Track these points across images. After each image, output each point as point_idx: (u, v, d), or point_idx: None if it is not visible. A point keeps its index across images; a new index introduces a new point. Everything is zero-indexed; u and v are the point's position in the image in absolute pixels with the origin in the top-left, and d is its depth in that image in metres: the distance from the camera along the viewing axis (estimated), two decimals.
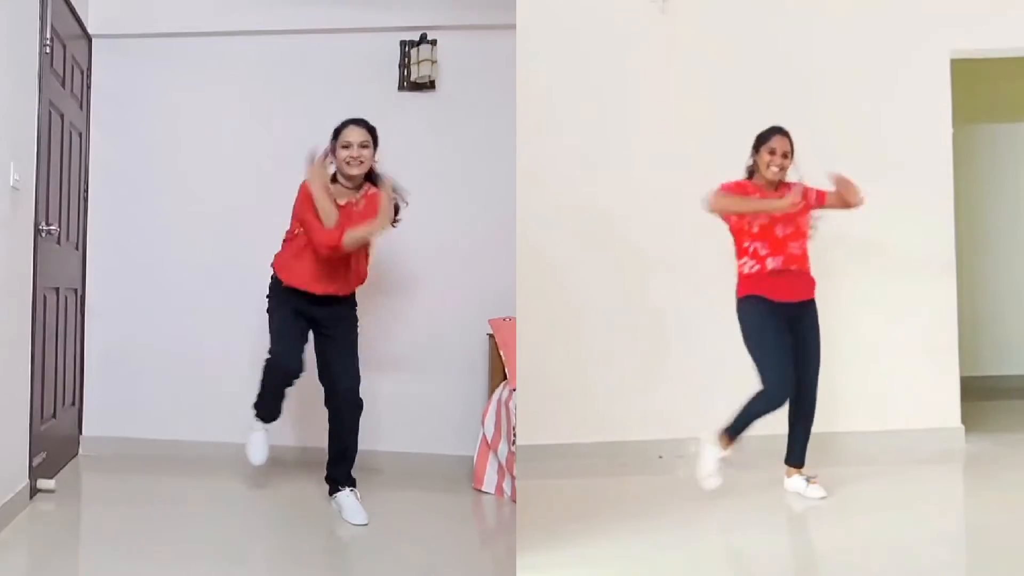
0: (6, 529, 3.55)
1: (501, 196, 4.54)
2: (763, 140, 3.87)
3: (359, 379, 3.95)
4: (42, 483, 4.03)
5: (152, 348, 4.93)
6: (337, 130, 3.82)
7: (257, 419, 4.09)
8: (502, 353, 4.52)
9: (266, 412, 4.08)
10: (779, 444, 4.01)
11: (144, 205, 4.97)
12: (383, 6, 4.77)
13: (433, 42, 4.75)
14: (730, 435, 3.79)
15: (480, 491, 4.39)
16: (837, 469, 4.18)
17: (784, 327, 3.80)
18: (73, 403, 4.83)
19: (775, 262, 3.80)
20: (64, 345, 4.60)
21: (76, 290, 4.84)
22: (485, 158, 4.78)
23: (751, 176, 3.91)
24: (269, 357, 3.93)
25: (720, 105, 4.68)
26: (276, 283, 3.94)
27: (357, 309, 4.02)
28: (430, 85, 4.80)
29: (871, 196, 4.36)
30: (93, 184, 4.98)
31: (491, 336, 4.66)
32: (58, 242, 4.42)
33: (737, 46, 4.76)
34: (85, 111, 4.92)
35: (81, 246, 4.92)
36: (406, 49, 4.83)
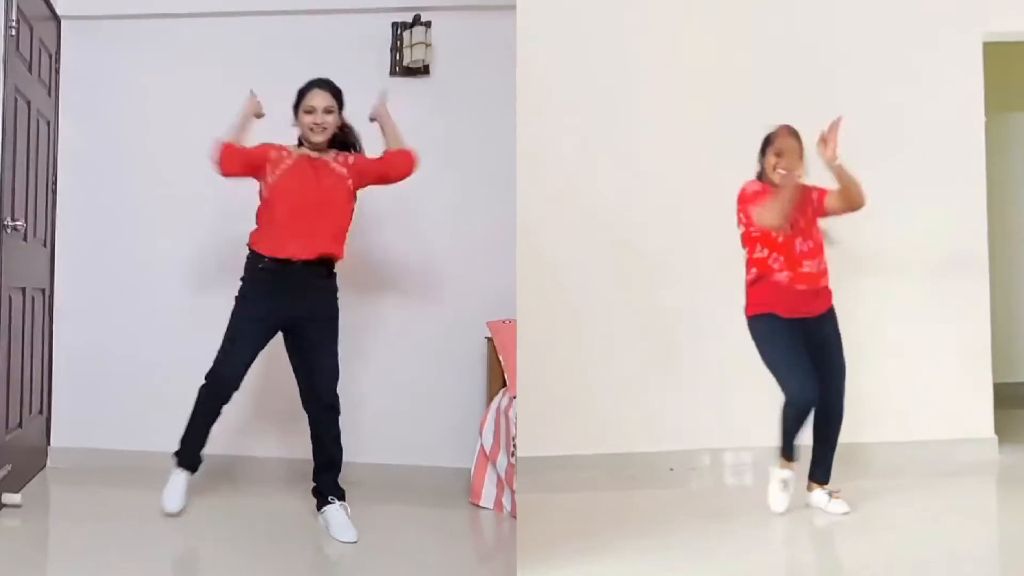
0: None
1: (500, 189, 4.47)
2: (769, 142, 3.84)
3: (337, 378, 3.86)
4: (7, 497, 3.94)
5: (125, 352, 4.84)
6: (300, 92, 3.79)
7: (179, 467, 3.92)
8: (501, 358, 4.45)
9: (191, 451, 3.93)
10: (802, 456, 3.95)
11: (116, 198, 4.88)
12: None
13: (427, 24, 4.67)
14: (786, 454, 3.84)
15: (478, 506, 4.31)
16: (862, 482, 4.16)
17: (799, 336, 3.77)
18: (40, 411, 4.74)
19: (785, 277, 3.75)
20: (31, 349, 4.52)
21: (44, 290, 4.75)
22: (482, 148, 4.70)
23: (760, 179, 3.86)
24: (208, 379, 3.84)
25: (727, 91, 4.66)
26: (251, 262, 3.81)
27: (339, 297, 3.89)
28: (424, 70, 4.74)
29: (897, 188, 4.23)
30: (62, 176, 4.88)
31: (489, 339, 4.58)
32: (24, 239, 4.32)
33: (746, 26, 4.73)
34: (53, 97, 4.82)
35: (49, 243, 4.82)
36: (398, 31, 4.75)
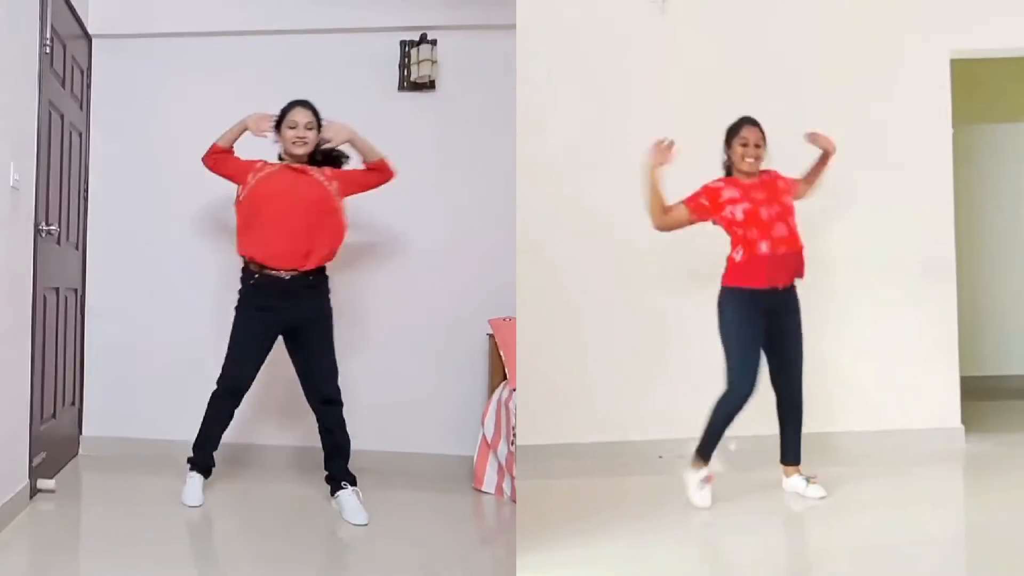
0: (6, 529, 3.54)
1: (501, 196, 4.53)
2: (734, 132, 3.86)
3: (337, 374, 3.96)
4: (42, 483, 4.02)
5: (152, 348, 4.92)
6: (283, 111, 3.92)
7: (193, 471, 4.00)
8: (502, 353, 4.52)
9: (205, 456, 4.01)
10: (776, 444, 3.99)
11: (144, 205, 4.96)
12: (383, 6, 4.76)
13: (433, 42, 4.75)
14: (702, 455, 3.80)
15: (480, 491, 4.39)
16: (835, 469, 4.15)
17: (762, 323, 3.75)
18: (73, 403, 4.82)
19: (766, 246, 3.74)
20: (64, 345, 4.59)
21: (76, 290, 4.83)
22: (485, 158, 4.77)
23: (729, 172, 3.90)
24: (218, 386, 3.94)
25: (719, 106, 4.51)
26: (244, 276, 3.94)
27: (331, 298, 3.99)
28: (430, 85, 4.80)
29: (871, 196, 4.36)
30: (93, 184, 4.97)
31: (491, 336, 4.66)
32: (58, 242, 4.41)
33: (737, 46, 4.74)
34: (85, 111, 4.91)
35: (81, 246, 4.91)
36: (406, 49, 4.83)
